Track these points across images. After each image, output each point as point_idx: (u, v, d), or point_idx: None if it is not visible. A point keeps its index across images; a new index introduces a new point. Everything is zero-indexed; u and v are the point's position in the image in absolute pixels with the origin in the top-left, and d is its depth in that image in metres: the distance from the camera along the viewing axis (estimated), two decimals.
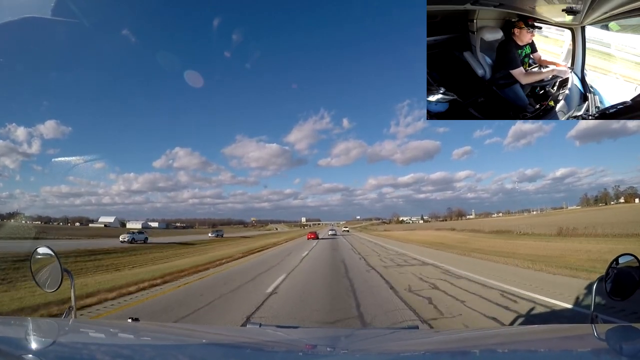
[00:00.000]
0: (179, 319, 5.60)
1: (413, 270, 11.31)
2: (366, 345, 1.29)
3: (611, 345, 1.10)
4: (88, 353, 1.07)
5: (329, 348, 1.23)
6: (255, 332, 1.54)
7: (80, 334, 1.34)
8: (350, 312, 5.75)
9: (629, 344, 1.09)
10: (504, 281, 8.59)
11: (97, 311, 6.28)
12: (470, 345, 1.26)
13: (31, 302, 6.66)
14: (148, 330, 1.55)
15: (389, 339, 1.43)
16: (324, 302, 6.57)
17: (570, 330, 1.54)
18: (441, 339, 1.47)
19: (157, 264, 16.03)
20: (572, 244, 19.01)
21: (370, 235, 54.33)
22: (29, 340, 1.06)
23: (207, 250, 25.97)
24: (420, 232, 56.63)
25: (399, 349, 1.22)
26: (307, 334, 1.62)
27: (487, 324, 5.00)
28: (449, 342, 1.37)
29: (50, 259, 1.54)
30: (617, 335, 1.21)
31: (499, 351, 1.16)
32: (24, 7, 5.07)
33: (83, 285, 8.84)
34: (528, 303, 6.21)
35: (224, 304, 6.68)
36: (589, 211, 74.19)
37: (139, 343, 1.24)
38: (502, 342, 1.31)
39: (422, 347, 1.25)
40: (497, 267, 12.04)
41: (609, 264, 1.45)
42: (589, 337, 1.19)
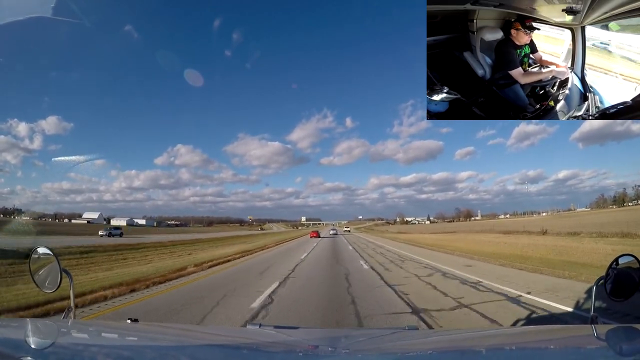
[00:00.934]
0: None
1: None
2: (366, 346, 1.28)
3: (611, 346, 1.10)
4: (88, 354, 1.07)
5: (329, 348, 1.23)
6: (255, 333, 1.54)
7: (79, 334, 1.33)
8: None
9: (629, 345, 1.09)
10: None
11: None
12: (470, 345, 1.26)
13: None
14: (148, 331, 1.55)
15: (389, 340, 1.43)
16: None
17: (570, 331, 1.54)
18: (441, 339, 1.47)
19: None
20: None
21: (383, 240, 37.37)
22: (29, 342, 1.06)
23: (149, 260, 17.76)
24: (449, 236, 35.43)
25: (399, 349, 1.22)
26: (307, 335, 1.61)
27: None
28: (449, 342, 1.37)
29: (49, 259, 1.54)
30: (617, 336, 1.20)
31: (499, 351, 1.15)
32: (27, 6, 5.09)
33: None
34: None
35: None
36: (617, 211, 63.11)
37: (138, 344, 1.24)
38: (502, 343, 1.30)
39: (422, 347, 1.25)
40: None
41: (609, 265, 1.45)
42: (590, 338, 1.19)
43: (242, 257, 17.41)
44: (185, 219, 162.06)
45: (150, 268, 12.73)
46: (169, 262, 15.34)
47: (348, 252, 19.42)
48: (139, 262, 16.50)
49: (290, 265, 12.80)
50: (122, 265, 15.19)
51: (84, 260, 16.37)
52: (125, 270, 12.19)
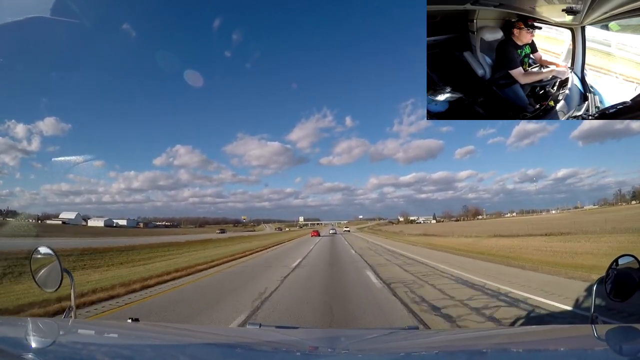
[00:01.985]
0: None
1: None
2: (366, 346, 1.29)
3: (611, 346, 1.10)
4: (88, 353, 1.08)
5: (329, 349, 1.23)
6: (255, 333, 1.54)
7: (80, 334, 1.34)
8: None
9: (629, 345, 1.09)
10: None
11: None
12: (470, 345, 1.26)
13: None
14: (148, 331, 1.55)
15: (389, 340, 1.43)
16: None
17: (570, 330, 1.54)
18: (441, 339, 1.47)
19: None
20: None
21: (413, 248, 23.48)
22: (29, 340, 1.06)
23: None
24: (486, 241, 25.35)
25: (399, 349, 1.22)
26: (307, 335, 1.62)
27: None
28: (449, 342, 1.37)
29: (50, 259, 1.54)
30: (617, 335, 1.21)
31: (499, 351, 1.15)
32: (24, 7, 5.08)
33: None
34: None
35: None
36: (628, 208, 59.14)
37: (139, 343, 1.24)
38: (502, 343, 1.31)
39: (422, 347, 1.25)
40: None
41: (609, 265, 1.45)
42: (589, 338, 1.19)
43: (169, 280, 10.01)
44: (181, 220, 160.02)
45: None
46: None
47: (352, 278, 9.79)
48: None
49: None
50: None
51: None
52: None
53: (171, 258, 20.23)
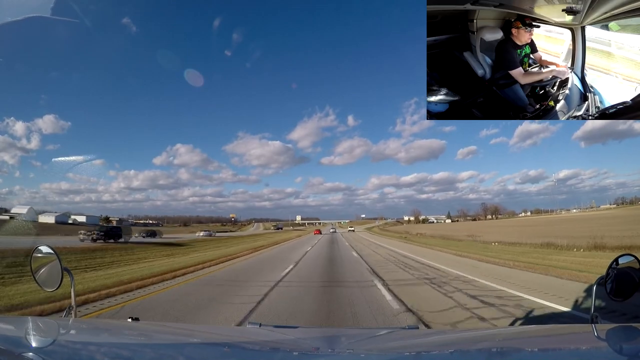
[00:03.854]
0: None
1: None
2: (366, 345, 1.28)
3: (611, 346, 1.10)
4: (88, 352, 1.08)
5: (329, 348, 1.23)
6: (255, 332, 1.54)
7: (80, 333, 1.34)
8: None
9: (629, 344, 1.09)
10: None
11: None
12: (470, 345, 1.26)
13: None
14: (148, 330, 1.55)
15: (389, 339, 1.43)
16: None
17: (570, 330, 1.54)
18: (441, 339, 1.47)
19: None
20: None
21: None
22: (29, 339, 1.06)
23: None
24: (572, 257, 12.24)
25: (400, 349, 1.22)
26: (307, 334, 1.62)
27: None
28: (449, 342, 1.37)
29: (50, 258, 1.54)
30: (617, 335, 1.21)
31: (499, 351, 1.15)
32: (25, 6, 5.09)
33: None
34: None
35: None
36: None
37: (138, 342, 1.24)
38: (502, 342, 1.30)
39: (422, 347, 1.25)
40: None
41: (609, 265, 1.45)
42: (590, 338, 1.19)
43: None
44: (165, 218, 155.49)
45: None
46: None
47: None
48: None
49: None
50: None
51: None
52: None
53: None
